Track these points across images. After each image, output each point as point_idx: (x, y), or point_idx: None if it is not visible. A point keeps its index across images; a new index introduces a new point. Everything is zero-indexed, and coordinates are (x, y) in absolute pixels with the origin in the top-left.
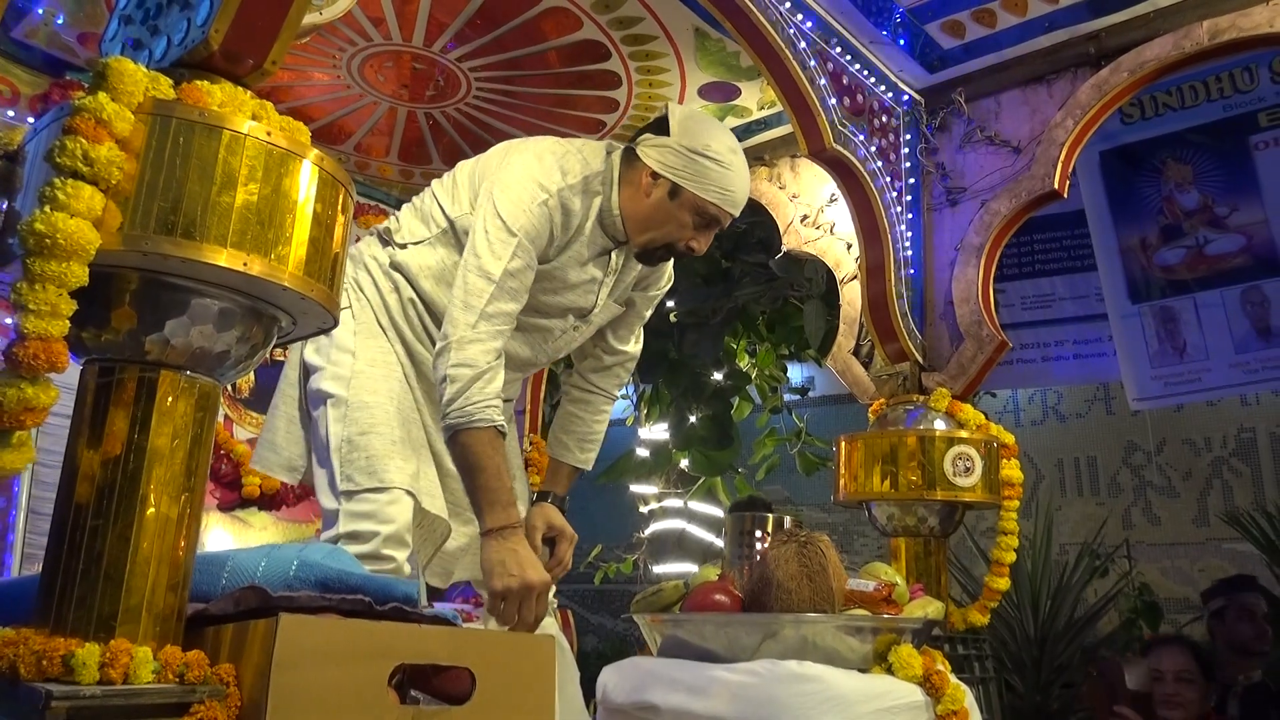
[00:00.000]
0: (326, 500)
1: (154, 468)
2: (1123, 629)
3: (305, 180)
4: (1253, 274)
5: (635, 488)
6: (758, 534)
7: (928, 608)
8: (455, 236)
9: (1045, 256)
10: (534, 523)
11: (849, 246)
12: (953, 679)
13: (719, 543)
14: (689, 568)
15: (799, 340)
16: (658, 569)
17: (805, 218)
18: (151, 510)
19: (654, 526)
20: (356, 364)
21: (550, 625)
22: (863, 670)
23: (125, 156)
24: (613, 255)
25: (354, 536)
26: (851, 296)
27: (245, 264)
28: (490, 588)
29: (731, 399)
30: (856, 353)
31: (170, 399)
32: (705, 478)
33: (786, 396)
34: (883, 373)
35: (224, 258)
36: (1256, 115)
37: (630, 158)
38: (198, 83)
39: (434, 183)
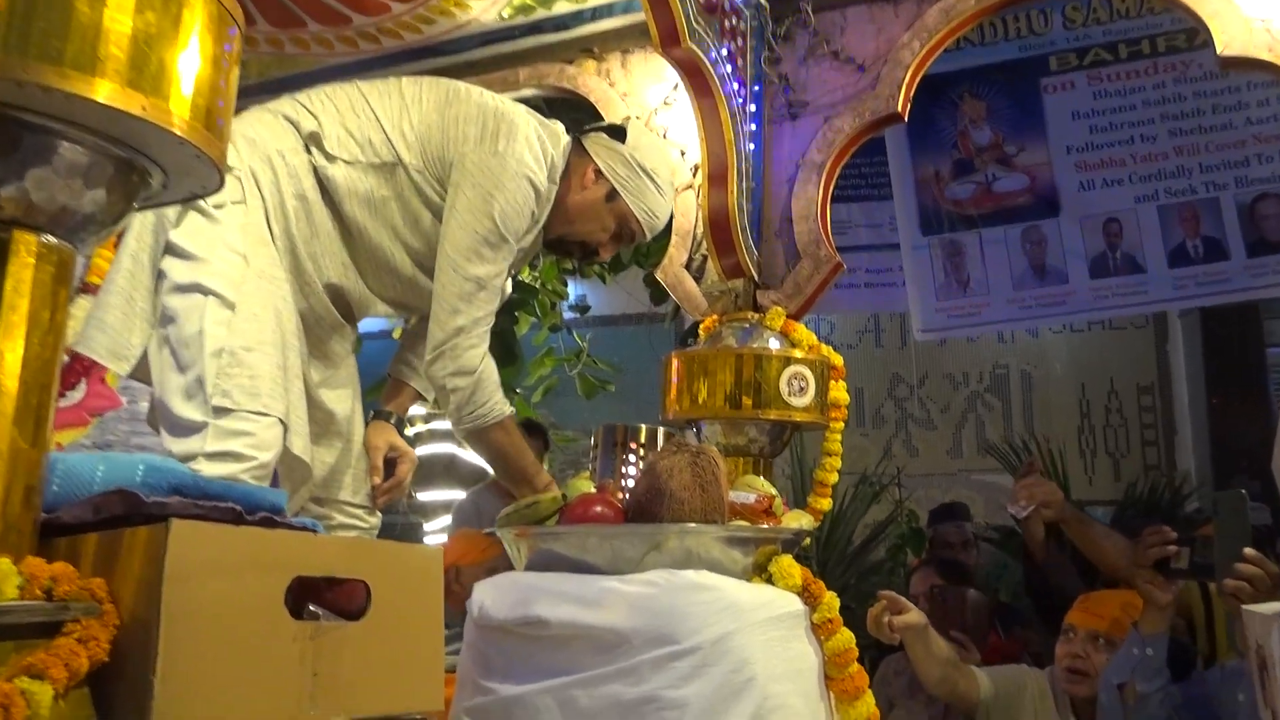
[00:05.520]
0: (183, 407)
1: (4, 350)
2: (889, 556)
3: (202, 12)
4: (1033, 213)
5: None
6: (632, 446)
7: (801, 519)
8: (397, 178)
9: (844, 182)
10: (374, 442)
11: (683, 153)
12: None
13: (490, 469)
14: (457, 494)
15: None
16: (423, 496)
17: (636, 118)
18: (3, 399)
19: (421, 450)
20: (249, 270)
21: None
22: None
23: None
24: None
25: (226, 456)
26: (685, 207)
27: (144, 108)
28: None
29: (514, 313)
30: (688, 266)
31: (24, 266)
32: None
33: (566, 314)
34: (715, 289)
35: (117, 96)
36: (1048, 58)
37: (577, 149)
38: None
39: (370, 94)
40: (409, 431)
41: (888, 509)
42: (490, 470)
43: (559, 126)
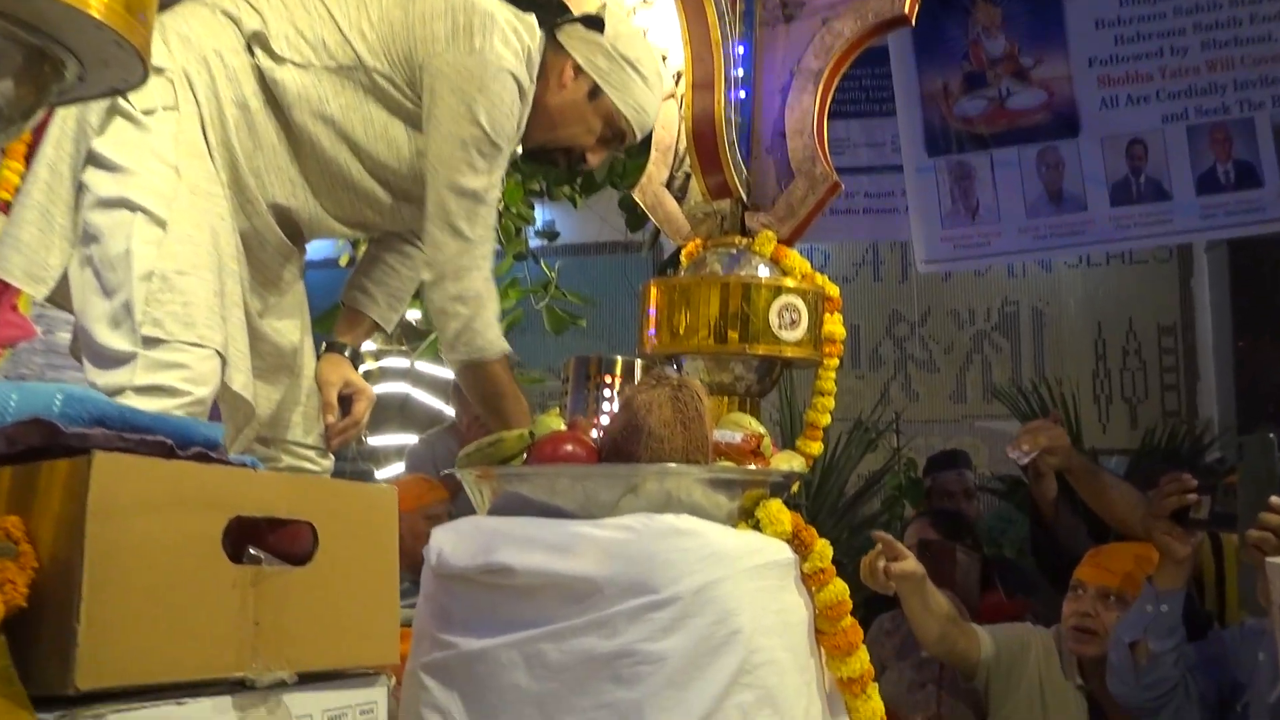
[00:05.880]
0: (108, 336)
1: None
2: (885, 508)
3: None
4: (1050, 133)
5: None
6: (606, 379)
7: (792, 461)
8: (357, 83)
9: (842, 96)
10: (327, 377)
11: (664, 59)
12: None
13: (448, 411)
14: (411, 438)
15: (554, 174)
16: (374, 440)
17: (613, 6)
18: None
19: (372, 390)
20: (181, 185)
21: None
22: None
23: None
24: None
25: (158, 391)
26: (667, 119)
27: None
28: None
29: None
30: (669, 185)
31: None
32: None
33: (533, 242)
34: (699, 210)
35: None
36: None
37: (551, 44)
38: None
39: None
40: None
41: (884, 458)
42: (449, 413)
43: (532, 19)
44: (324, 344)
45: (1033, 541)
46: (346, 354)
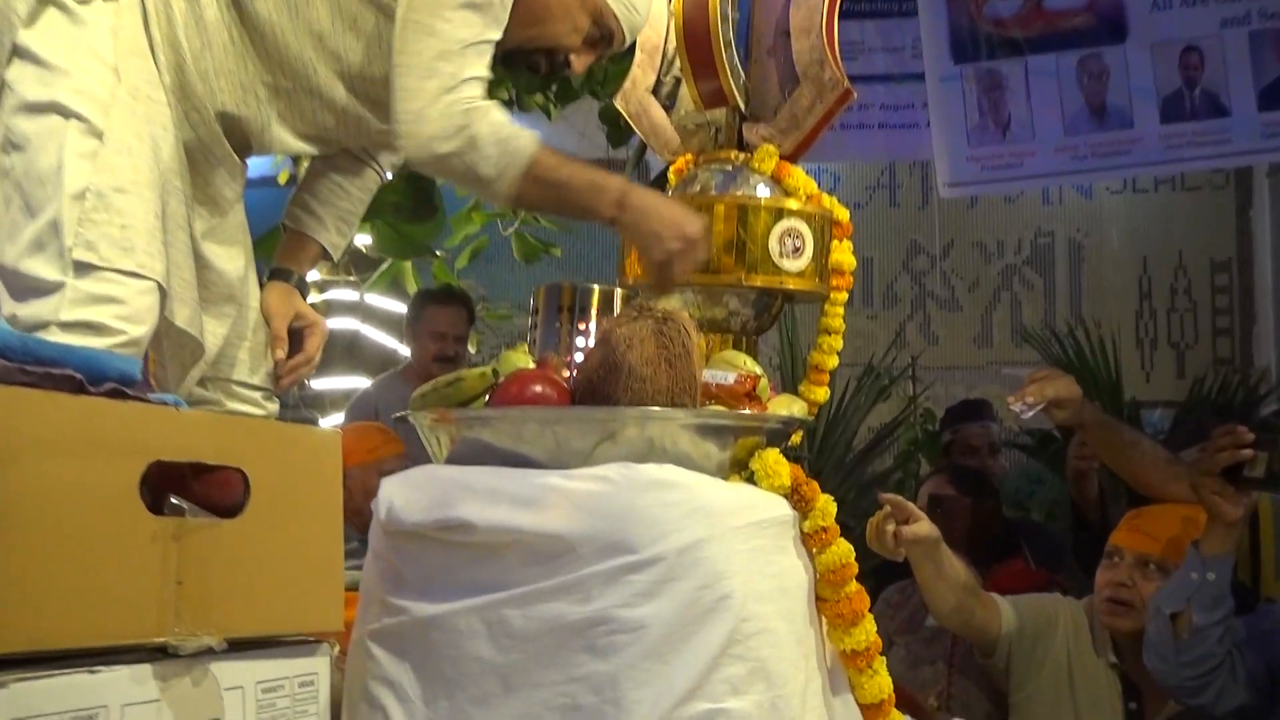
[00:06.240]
0: (30, 262)
1: None
2: (897, 465)
3: None
4: (1094, 39)
5: None
6: (582, 311)
7: (792, 406)
8: None
9: None
10: (275, 308)
11: None
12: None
13: (404, 350)
14: (360, 382)
15: (526, 81)
16: (317, 384)
17: None
18: None
19: (326, 323)
20: (120, 89)
21: None
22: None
23: None
24: None
25: (88, 328)
26: (655, 15)
27: None
28: (652, 260)
29: None
30: (656, 92)
31: None
32: (393, 261)
33: None
34: (689, 121)
35: None
36: None
37: None
38: None
39: None
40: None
41: (897, 407)
42: (404, 353)
43: None
44: (269, 271)
45: (1076, 549)
46: (294, 281)
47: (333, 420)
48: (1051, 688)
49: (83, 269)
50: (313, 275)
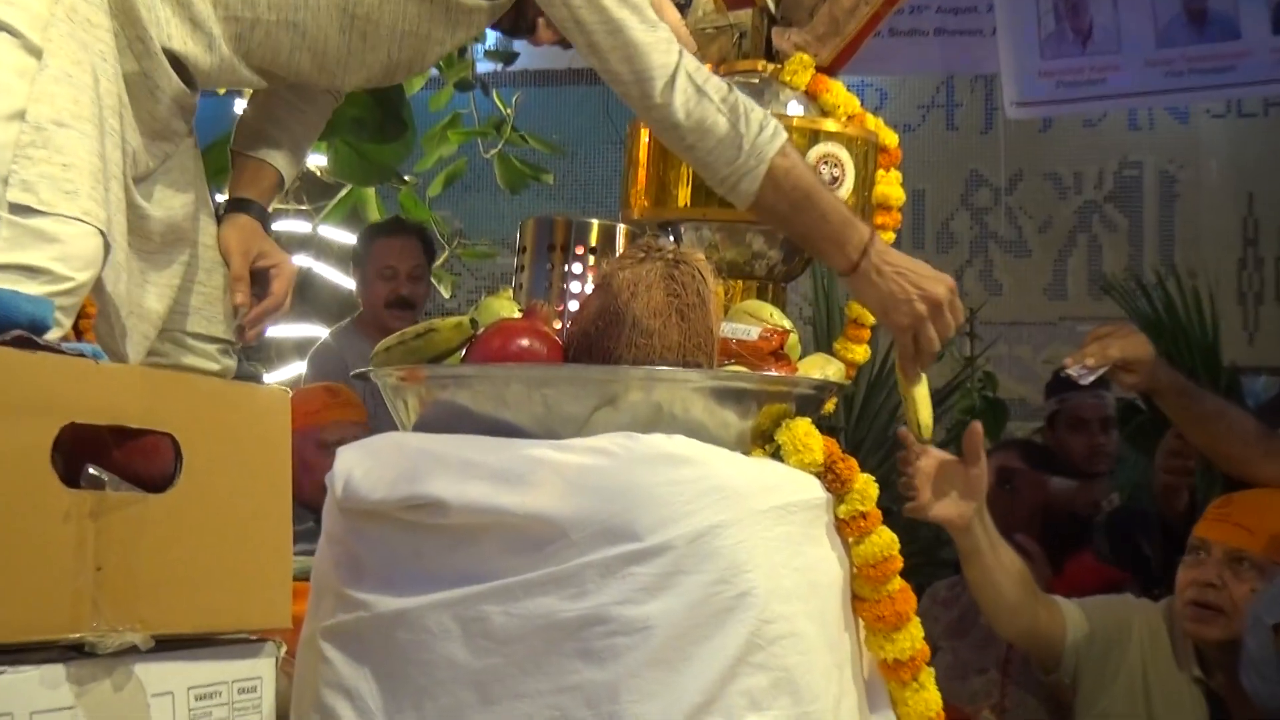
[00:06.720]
0: None
1: None
2: (952, 437)
3: None
4: None
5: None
6: (578, 250)
7: (826, 368)
8: None
9: None
10: (233, 245)
11: None
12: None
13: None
14: (315, 331)
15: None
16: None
17: None
18: None
19: (293, 262)
20: (59, 7)
21: None
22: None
23: None
24: None
25: (24, 272)
26: None
27: None
28: (895, 326)
29: None
30: None
31: None
32: (353, 187)
33: (481, 66)
34: (709, 24)
35: None
36: None
37: None
38: None
39: None
40: None
41: (952, 370)
42: (361, 302)
43: None
44: (226, 204)
45: (1165, 561)
46: (254, 213)
47: (284, 373)
48: (1126, 704)
49: (21, 211)
50: None
